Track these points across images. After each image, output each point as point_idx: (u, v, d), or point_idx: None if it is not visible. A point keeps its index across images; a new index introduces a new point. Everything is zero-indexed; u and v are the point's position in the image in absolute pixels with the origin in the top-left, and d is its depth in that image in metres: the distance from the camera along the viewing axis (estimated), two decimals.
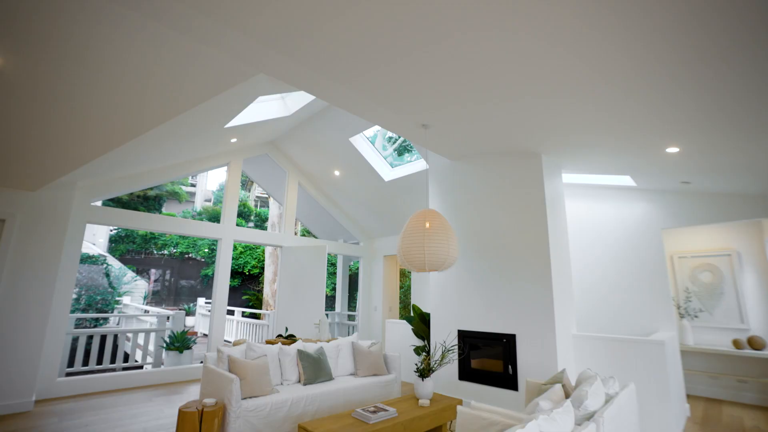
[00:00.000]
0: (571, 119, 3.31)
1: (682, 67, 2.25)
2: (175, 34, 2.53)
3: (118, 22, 2.33)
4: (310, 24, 2.32)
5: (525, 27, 2.15)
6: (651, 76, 2.41)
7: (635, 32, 2.03)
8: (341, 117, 5.87)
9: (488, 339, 4.50)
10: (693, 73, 2.30)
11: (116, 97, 3.06)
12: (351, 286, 10.91)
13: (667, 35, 2.00)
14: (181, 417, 2.93)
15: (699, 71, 2.26)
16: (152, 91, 3.16)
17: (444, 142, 4.52)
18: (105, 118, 3.32)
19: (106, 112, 3.23)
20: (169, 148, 5.08)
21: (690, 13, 1.82)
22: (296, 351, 4.10)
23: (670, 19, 1.89)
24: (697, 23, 1.88)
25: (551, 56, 2.40)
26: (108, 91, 2.96)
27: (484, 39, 2.32)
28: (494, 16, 2.10)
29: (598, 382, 2.44)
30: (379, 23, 2.27)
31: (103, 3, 2.16)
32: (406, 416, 3.06)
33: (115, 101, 3.12)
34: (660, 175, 4.38)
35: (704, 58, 2.13)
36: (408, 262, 3.39)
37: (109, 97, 3.04)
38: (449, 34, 2.31)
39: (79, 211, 5.04)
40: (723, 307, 5.38)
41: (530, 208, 4.39)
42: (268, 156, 7.29)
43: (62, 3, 2.09)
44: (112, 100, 3.09)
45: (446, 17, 2.15)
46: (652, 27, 1.97)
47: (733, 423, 4.30)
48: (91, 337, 5.76)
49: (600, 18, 1.98)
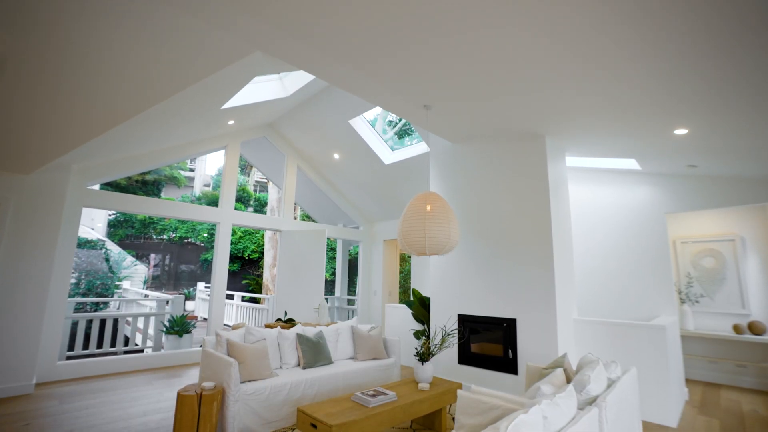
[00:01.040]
0: (576, 98, 3.20)
1: (690, 40, 2.14)
2: (173, 10, 2.42)
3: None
4: (312, 2, 2.21)
5: (528, 4, 2.04)
6: (659, 51, 2.30)
7: (642, 4, 1.92)
8: (340, 98, 5.73)
9: (488, 323, 4.48)
10: (703, 48, 2.19)
11: (109, 77, 2.95)
12: (351, 271, 10.91)
13: (676, 6, 1.89)
14: (179, 401, 2.91)
15: (709, 45, 2.15)
16: (146, 70, 3.05)
17: (446, 124, 4.41)
18: (98, 99, 3.21)
19: (99, 93, 3.12)
20: (165, 131, 4.97)
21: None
22: (295, 335, 4.08)
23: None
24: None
25: (555, 33, 2.29)
26: (100, 71, 2.84)
27: (487, 19, 2.20)
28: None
29: (600, 366, 2.41)
30: (383, 3, 2.16)
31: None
32: (405, 400, 3.04)
33: (109, 82, 3.01)
34: (666, 158, 4.28)
35: (713, 31, 2.02)
36: (408, 245, 3.33)
37: (102, 78, 2.92)
38: (453, 15, 2.20)
39: (75, 195, 4.96)
40: (724, 293, 5.35)
41: (533, 191, 4.31)
42: (266, 139, 7.16)
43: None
44: (106, 81, 2.98)
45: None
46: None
47: (731, 406, 4.32)
48: (91, 321, 5.76)
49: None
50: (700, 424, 3.76)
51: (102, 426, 3.38)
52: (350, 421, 2.59)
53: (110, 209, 5.49)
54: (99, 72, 2.86)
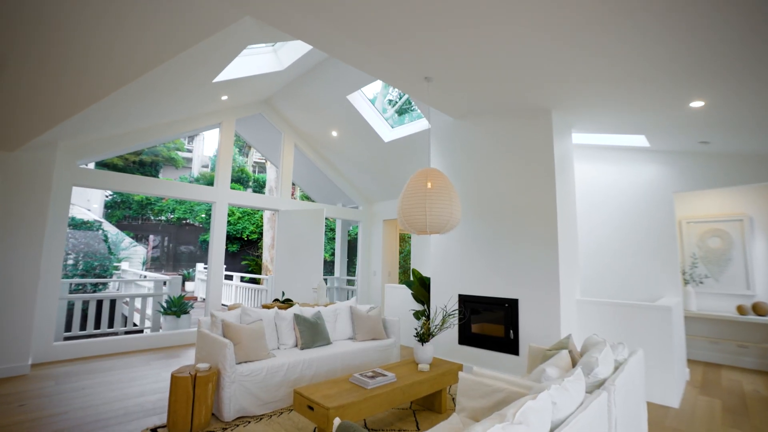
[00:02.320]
0: (586, 68, 3.00)
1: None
2: None
3: None
4: None
5: None
6: (675, 15, 2.11)
7: None
8: (338, 73, 5.50)
9: (490, 303, 4.41)
10: (724, 9, 2.00)
11: (93, 47, 2.75)
12: (350, 251, 10.85)
13: None
14: (173, 382, 2.84)
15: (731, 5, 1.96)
16: (131, 38, 2.84)
17: (448, 97, 4.22)
18: (80, 71, 3.02)
19: (79, 64, 2.92)
20: (156, 106, 4.77)
21: None
22: (293, 315, 4.00)
23: None
24: None
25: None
26: (81, 40, 2.64)
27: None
28: None
29: (607, 348, 2.32)
30: None
31: None
32: (405, 381, 2.98)
33: (92, 52, 2.81)
34: (678, 134, 4.11)
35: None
36: (408, 224, 3.20)
37: (85, 48, 2.73)
38: None
39: (64, 173, 4.80)
40: (729, 273, 5.26)
41: (538, 168, 4.16)
42: (262, 116, 6.94)
43: None
44: (89, 51, 2.78)
45: None
46: None
47: (732, 387, 4.28)
48: (88, 302, 5.69)
49: None
50: (701, 404, 3.73)
51: (98, 407, 3.34)
52: (348, 403, 2.52)
53: (102, 188, 5.32)
54: (81, 41, 2.66)
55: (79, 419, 3.07)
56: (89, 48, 2.78)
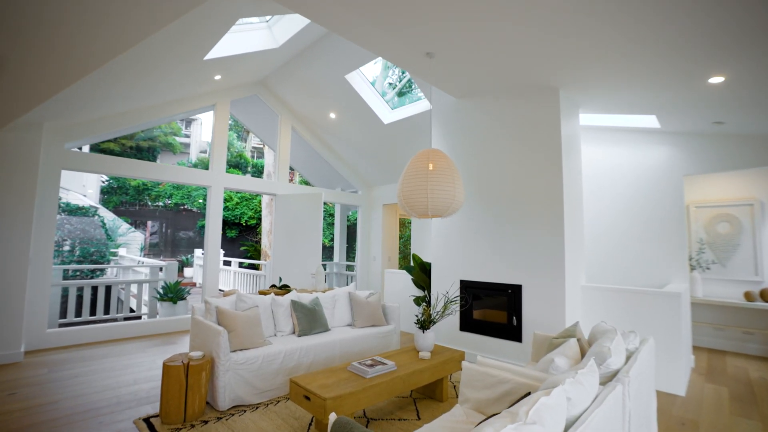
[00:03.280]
0: (599, 42, 2.81)
1: None
2: None
3: None
4: None
5: None
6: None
7: None
8: (336, 51, 5.27)
9: (492, 289, 4.30)
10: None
11: (73, 16, 2.55)
12: (350, 237, 10.73)
13: None
14: (165, 371, 2.74)
15: None
16: (114, 8, 2.64)
17: (451, 75, 4.02)
18: (65, 43, 2.82)
19: (63, 37, 2.72)
20: (145, 86, 4.56)
21: None
22: (290, 302, 3.89)
23: None
24: None
25: None
26: (65, 13, 2.44)
27: None
28: None
29: (618, 336, 2.20)
30: None
31: None
32: (405, 370, 2.88)
33: (73, 22, 2.61)
34: (691, 114, 3.92)
35: None
36: (409, 207, 3.05)
37: (65, 18, 2.53)
38: None
39: (52, 156, 4.62)
40: (737, 259, 5.14)
41: (544, 150, 3.98)
42: (257, 97, 6.72)
43: None
44: (69, 21, 2.58)
45: None
46: None
47: (738, 374, 4.21)
48: (82, 289, 5.58)
49: None
50: (708, 392, 3.65)
51: (90, 395, 3.25)
52: (346, 393, 2.41)
53: (94, 172, 5.15)
54: (60, 11, 2.46)
55: (71, 409, 2.98)
56: (73, 16, 2.58)
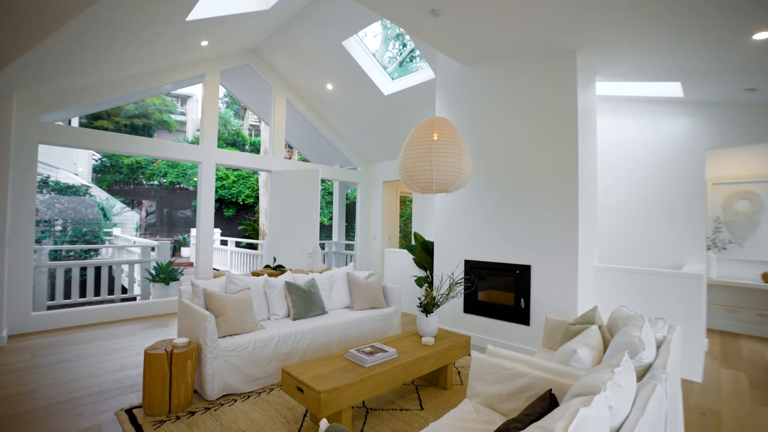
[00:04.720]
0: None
1: None
2: None
3: None
4: None
5: None
6: None
7: None
8: (332, 14, 4.85)
9: (498, 270, 4.06)
10: None
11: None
12: (349, 215, 10.47)
13: None
14: (147, 360, 2.52)
15: None
16: None
17: (456, 37, 3.65)
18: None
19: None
20: (124, 49, 4.17)
21: None
22: (284, 283, 3.66)
23: None
24: None
25: None
26: None
27: None
28: None
29: (647, 324, 1.96)
30: None
31: None
32: (407, 357, 2.66)
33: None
34: (720, 80, 3.58)
35: None
36: (411, 180, 2.77)
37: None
38: None
39: (26, 129, 4.29)
40: (756, 239, 4.88)
41: (558, 121, 3.66)
42: (249, 67, 6.31)
43: None
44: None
45: None
46: None
47: (754, 358, 4.02)
48: (71, 270, 5.36)
49: None
50: (726, 378, 3.46)
51: (72, 383, 3.05)
52: (342, 385, 2.19)
53: (76, 146, 4.82)
54: None
55: (49, 399, 2.79)
56: None
